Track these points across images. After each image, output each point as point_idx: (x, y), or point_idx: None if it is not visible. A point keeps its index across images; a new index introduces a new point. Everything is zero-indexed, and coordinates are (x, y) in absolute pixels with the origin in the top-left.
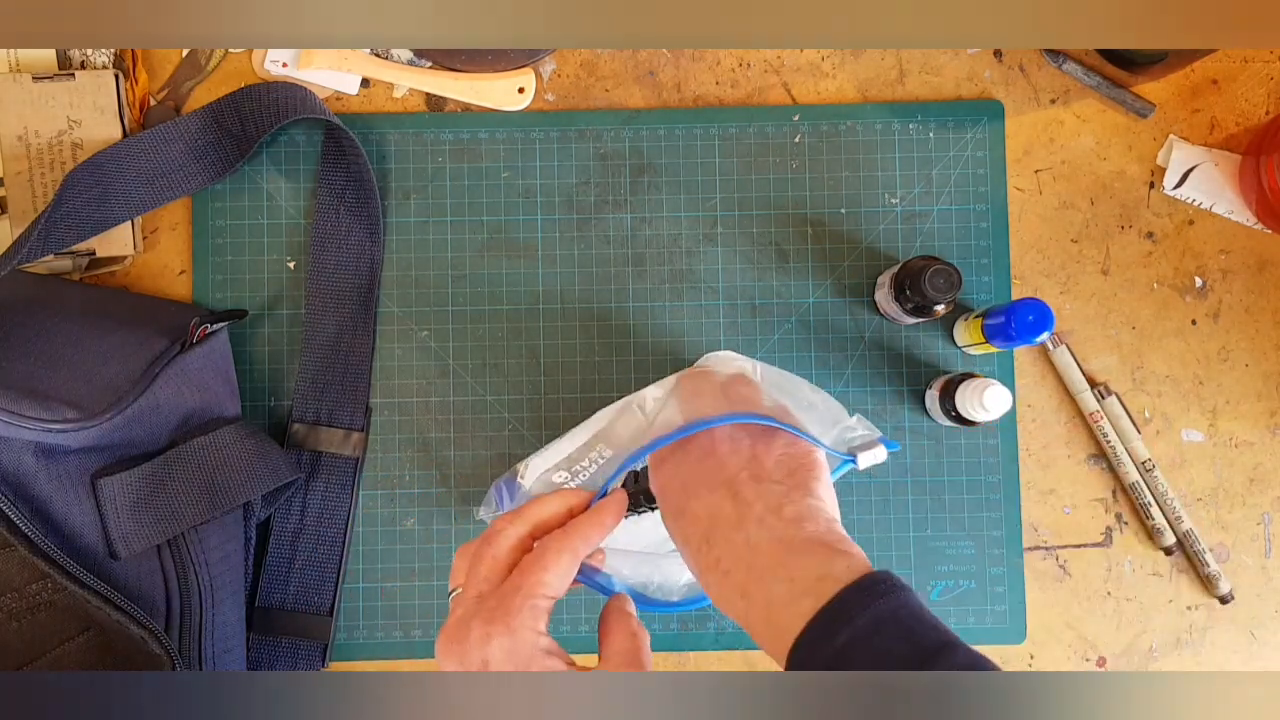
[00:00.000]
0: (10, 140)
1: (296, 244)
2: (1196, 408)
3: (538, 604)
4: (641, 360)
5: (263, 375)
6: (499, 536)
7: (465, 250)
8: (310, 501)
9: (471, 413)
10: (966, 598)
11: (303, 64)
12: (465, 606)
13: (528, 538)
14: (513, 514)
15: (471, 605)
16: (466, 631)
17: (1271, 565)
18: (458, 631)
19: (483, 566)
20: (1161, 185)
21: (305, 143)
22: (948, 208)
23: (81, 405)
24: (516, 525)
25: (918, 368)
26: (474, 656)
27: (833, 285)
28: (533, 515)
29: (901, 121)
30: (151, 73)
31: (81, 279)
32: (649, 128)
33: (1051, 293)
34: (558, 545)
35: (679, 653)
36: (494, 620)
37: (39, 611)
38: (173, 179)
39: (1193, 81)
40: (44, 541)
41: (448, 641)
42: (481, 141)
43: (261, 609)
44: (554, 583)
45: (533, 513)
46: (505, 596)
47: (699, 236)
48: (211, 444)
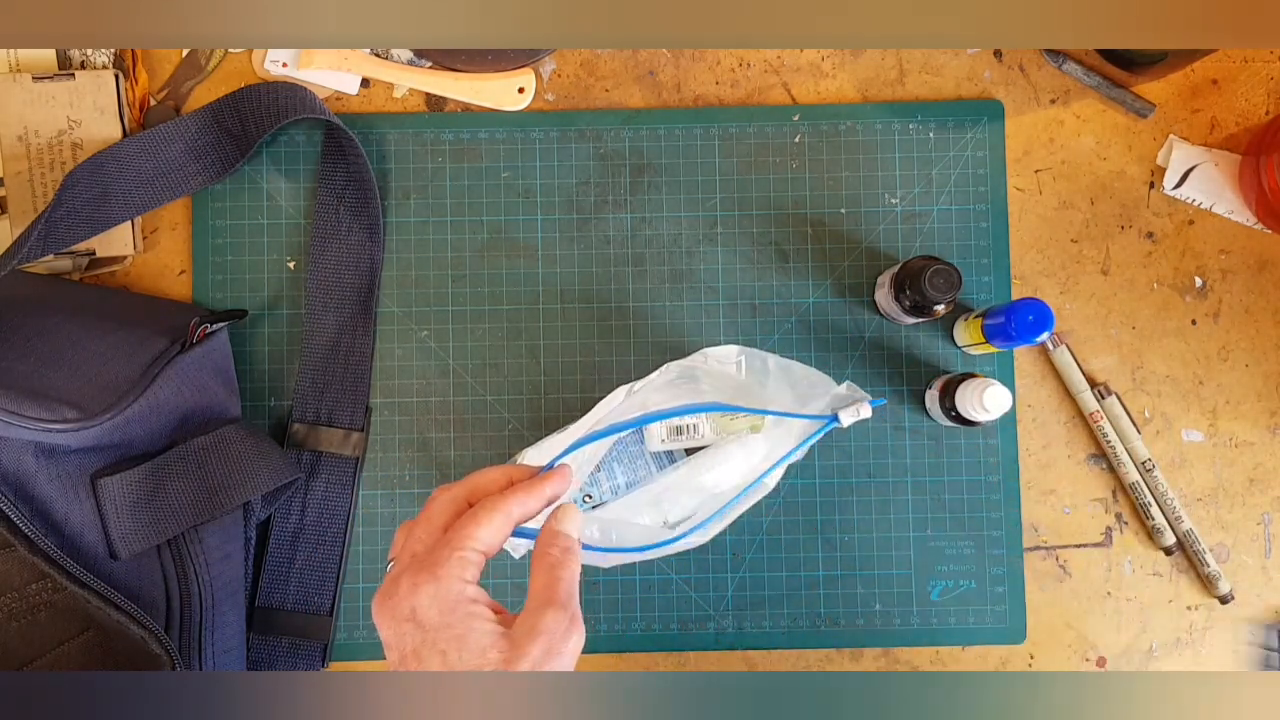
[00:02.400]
0: (10, 140)
1: (296, 244)
2: (1196, 408)
3: (465, 555)
4: (641, 360)
5: (263, 375)
6: (434, 502)
7: (465, 250)
8: (310, 501)
9: (471, 412)
10: (966, 598)
11: (303, 64)
12: (399, 566)
13: (463, 501)
14: (453, 483)
15: (405, 563)
16: (397, 585)
17: (1271, 565)
18: (390, 587)
19: (418, 529)
20: (1161, 185)
21: (305, 143)
22: (948, 208)
23: (82, 405)
24: (453, 491)
25: (918, 368)
26: (403, 606)
27: (833, 285)
28: (471, 482)
29: (901, 121)
30: (151, 73)
31: (81, 279)
32: (649, 128)
33: (1051, 293)
34: (491, 504)
35: (679, 653)
36: (422, 570)
37: (39, 611)
38: (173, 179)
39: (1193, 81)
40: (44, 541)
41: (381, 599)
42: (481, 141)
43: (261, 609)
44: (483, 536)
45: (472, 480)
46: (434, 550)
47: (699, 236)
48: (212, 444)
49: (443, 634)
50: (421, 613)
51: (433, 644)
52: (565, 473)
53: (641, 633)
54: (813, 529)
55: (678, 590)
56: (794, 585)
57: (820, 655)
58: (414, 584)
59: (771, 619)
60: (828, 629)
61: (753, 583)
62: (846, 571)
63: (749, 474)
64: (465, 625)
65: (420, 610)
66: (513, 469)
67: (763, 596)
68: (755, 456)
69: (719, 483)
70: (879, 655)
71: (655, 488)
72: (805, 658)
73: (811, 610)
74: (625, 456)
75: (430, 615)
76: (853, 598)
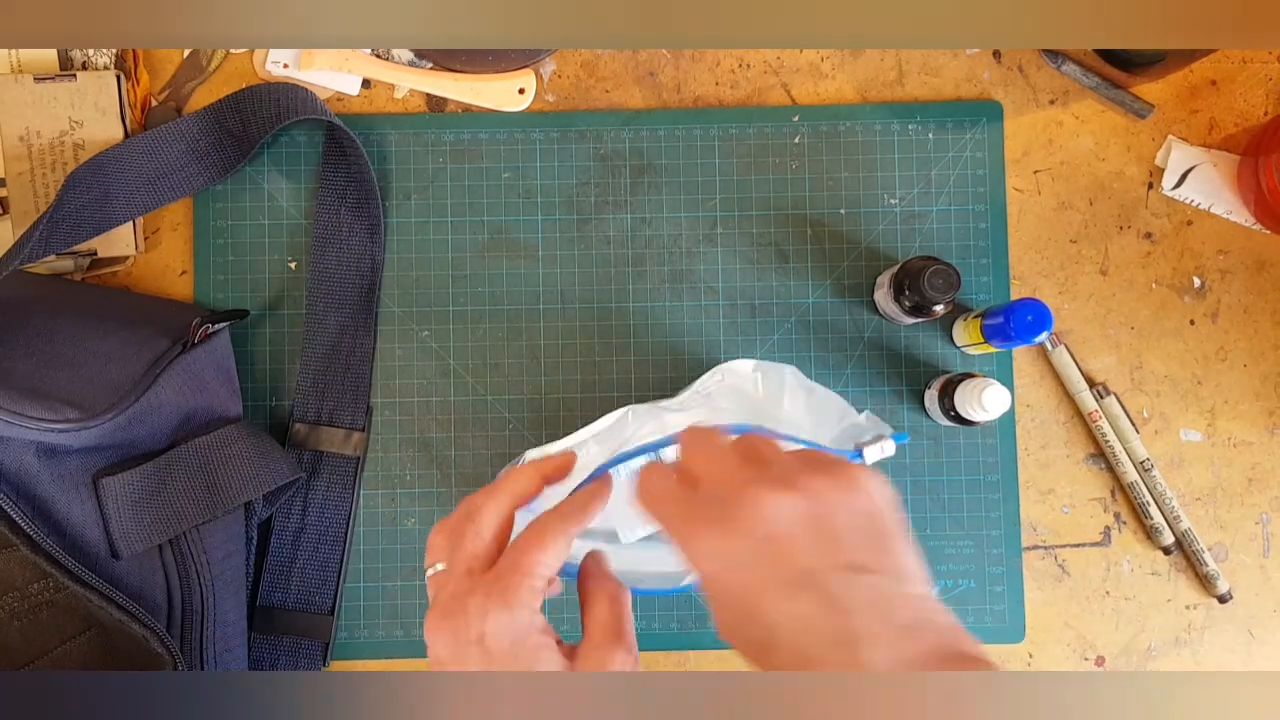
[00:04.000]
0: (12, 141)
1: (298, 244)
2: (1195, 408)
3: (535, 584)
4: (641, 360)
5: (264, 375)
6: (481, 513)
7: (466, 250)
8: (311, 501)
9: (472, 412)
10: (966, 597)
11: (304, 65)
12: (457, 583)
13: (509, 511)
14: (489, 489)
15: (464, 581)
16: (464, 606)
17: (1270, 564)
18: (453, 606)
19: (467, 543)
20: (1160, 186)
21: (306, 143)
22: (947, 208)
23: (83, 405)
24: (497, 500)
25: (917, 368)
26: (472, 630)
27: (832, 285)
28: (509, 489)
29: (901, 122)
30: (153, 73)
31: (83, 279)
32: (649, 128)
33: (1050, 293)
34: (556, 528)
35: (679, 652)
36: (492, 595)
37: (41, 611)
38: (174, 179)
39: (1191, 82)
40: (46, 541)
41: (441, 617)
42: (482, 142)
43: (263, 608)
44: (551, 563)
45: (509, 486)
46: (503, 574)
47: (699, 237)
48: (213, 444)
49: (510, 665)
50: (490, 640)
51: None
52: (609, 482)
53: (642, 632)
54: None
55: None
56: None
57: None
58: (484, 609)
59: None
60: None
61: None
62: None
63: None
64: (534, 658)
65: (489, 637)
66: (542, 464)
67: None
68: None
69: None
70: None
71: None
72: None
73: None
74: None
75: (500, 644)
76: None
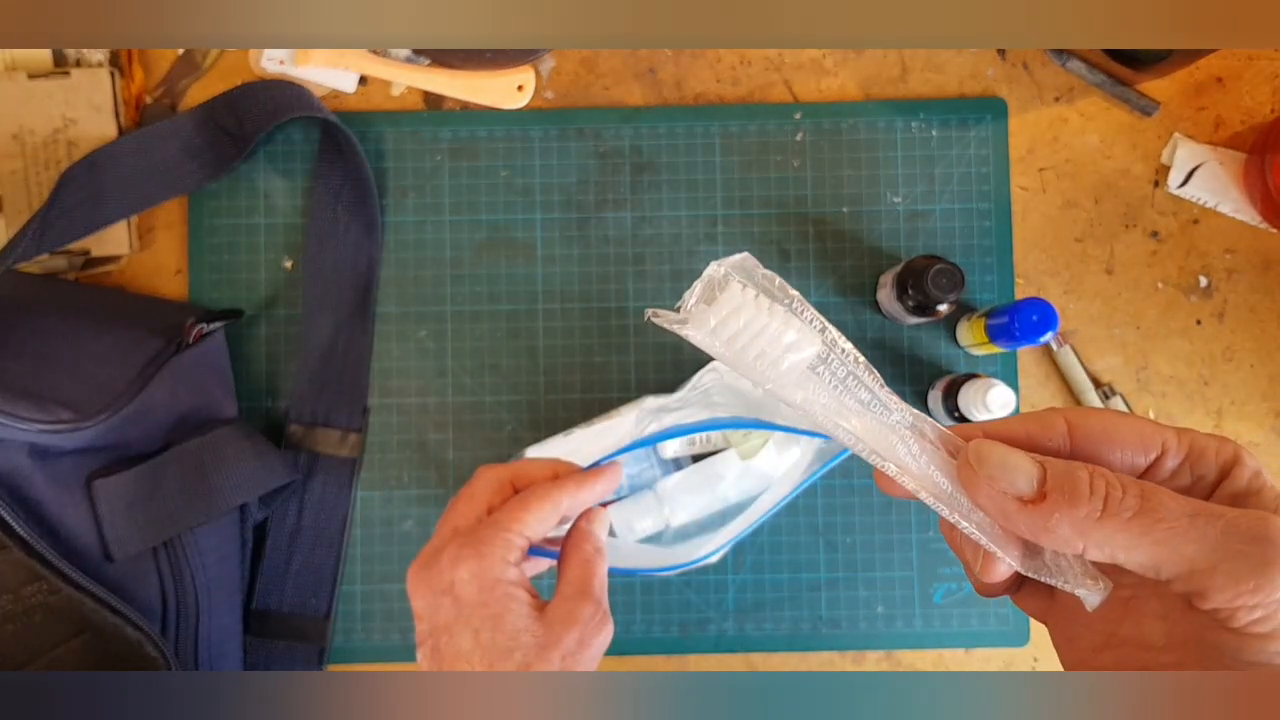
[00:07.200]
0: (5, 138)
1: (294, 243)
2: (1201, 408)
3: (510, 538)
4: (641, 360)
5: (260, 376)
6: (478, 479)
7: (464, 249)
8: (307, 503)
9: (470, 413)
10: (969, 600)
11: (300, 61)
12: (439, 538)
13: (508, 482)
14: (499, 464)
15: (446, 536)
16: (438, 557)
17: None
18: (429, 558)
19: (460, 503)
20: (1166, 184)
21: (302, 141)
22: (951, 206)
23: (77, 406)
24: (499, 469)
25: (920, 368)
26: (443, 579)
27: (835, 285)
28: (517, 466)
29: (904, 120)
30: (147, 70)
31: (77, 279)
32: (649, 126)
33: (1055, 292)
34: (543, 492)
35: (680, 655)
36: (466, 545)
37: (34, 614)
38: (168, 178)
39: (1197, 79)
40: (39, 543)
41: (419, 568)
42: (480, 140)
43: (258, 612)
44: (531, 523)
45: (518, 465)
46: (481, 529)
47: (700, 236)
48: (208, 445)
49: (478, 611)
50: (460, 587)
51: (467, 620)
52: (618, 471)
53: (642, 636)
54: (814, 531)
55: (678, 593)
56: (795, 588)
57: (822, 658)
58: (456, 558)
59: (773, 621)
60: (829, 632)
61: (754, 585)
62: (848, 574)
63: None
64: (502, 605)
65: (459, 585)
66: (558, 463)
67: (764, 599)
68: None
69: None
70: (881, 658)
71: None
72: (807, 660)
73: (813, 613)
74: (631, 459)
75: (469, 591)
76: (855, 600)
